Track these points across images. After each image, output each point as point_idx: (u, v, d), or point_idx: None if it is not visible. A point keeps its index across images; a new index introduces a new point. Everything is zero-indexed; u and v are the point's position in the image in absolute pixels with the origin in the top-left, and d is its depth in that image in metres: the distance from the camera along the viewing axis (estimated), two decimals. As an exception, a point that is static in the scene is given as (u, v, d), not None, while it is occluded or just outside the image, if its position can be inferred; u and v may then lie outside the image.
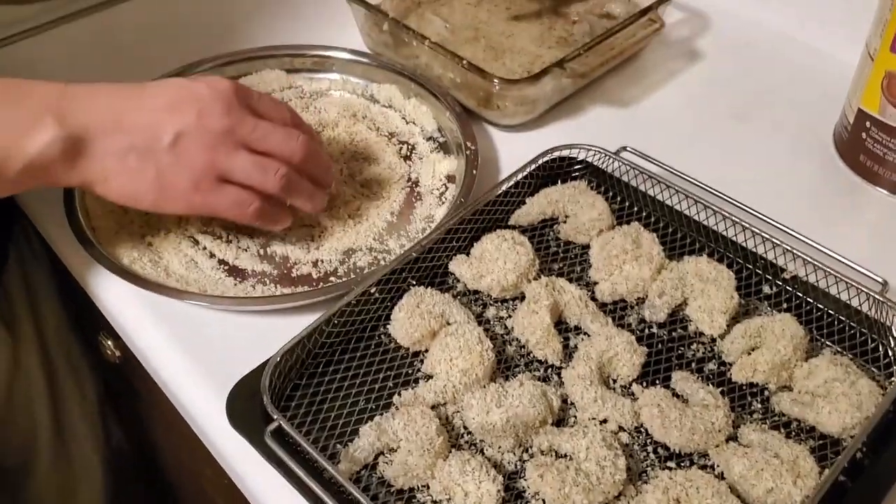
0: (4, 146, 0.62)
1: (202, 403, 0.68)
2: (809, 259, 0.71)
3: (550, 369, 0.68)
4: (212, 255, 0.77)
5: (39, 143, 0.63)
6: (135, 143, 0.66)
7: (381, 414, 0.63)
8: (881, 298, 0.68)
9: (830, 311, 0.70)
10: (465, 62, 0.86)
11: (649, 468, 0.62)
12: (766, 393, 0.66)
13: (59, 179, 0.66)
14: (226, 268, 0.76)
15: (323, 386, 0.66)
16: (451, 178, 0.85)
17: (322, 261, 0.77)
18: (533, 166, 0.80)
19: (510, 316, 0.71)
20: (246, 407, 0.62)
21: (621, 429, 0.64)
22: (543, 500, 0.59)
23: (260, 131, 0.69)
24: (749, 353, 0.67)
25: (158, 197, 0.68)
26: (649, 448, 0.63)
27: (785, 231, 0.73)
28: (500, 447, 0.62)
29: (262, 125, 0.69)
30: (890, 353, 0.68)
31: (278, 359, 0.63)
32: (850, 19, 0.93)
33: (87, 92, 0.66)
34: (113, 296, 0.75)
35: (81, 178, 0.66)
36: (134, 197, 0.68)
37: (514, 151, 0.87)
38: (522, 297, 0.71)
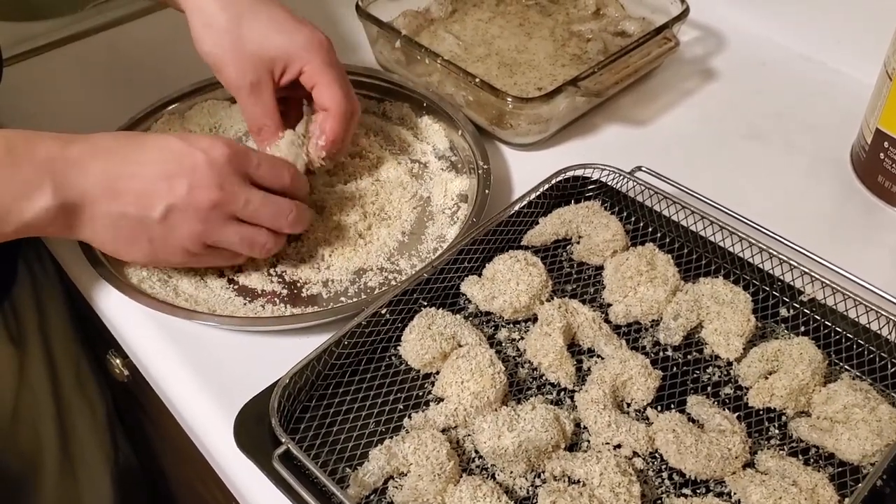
0: (1, 208, 0.63)
1: (210, 425, 0.67)
2: (827, 281, 0.70)
3: (563, 392, 0.67)
4: (221, 275, 0.76)
5: (36, 208, 0.63)
6: (127, 212, 0.66)
7: (391, 437, 0.62)
8: (901, 322, 0.67)
9: (849, 335, 0.69)
10: (477, 80, 0.86)
11: (664, 495, 0.61)
12: (784, 418, 0.65)
13: (54, 236, 0.67)
14: (235, 287, 0.75)
15: (332, 408, 0.65)
16: (463, 198, 0.84)
17: (332, 281, 0.76)
18: (546, 186, 0.79)
19: (522, 338, 0.70)
20: (254, 429, 0.62)
21: (636, 454, 0.62)
22: (556, 528, 0.57)
23: (251, 207, 0.69)
24: (766, 378, 0.66)
25: (151, 260, 0.71)
26: (664, 474, 0.62)
27: (802, 253, 0.72)
28: (511, 472, 0.61)
29: (254, 199, 0.69)
30: (910, 379, 0.67)
31: (287, 380, 0.62)
32: (867, 38, 0.92)
33: (85, 154, 0.66)
34: (122, 315, 0.75)
35: (76, 237, 0.68)
36: (128, 257, 0.71)
37: (527, 171, 0.87)
38: (535, 319, 0.70)
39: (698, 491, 0.61)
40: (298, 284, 0.76)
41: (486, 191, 0.80)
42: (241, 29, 0.76)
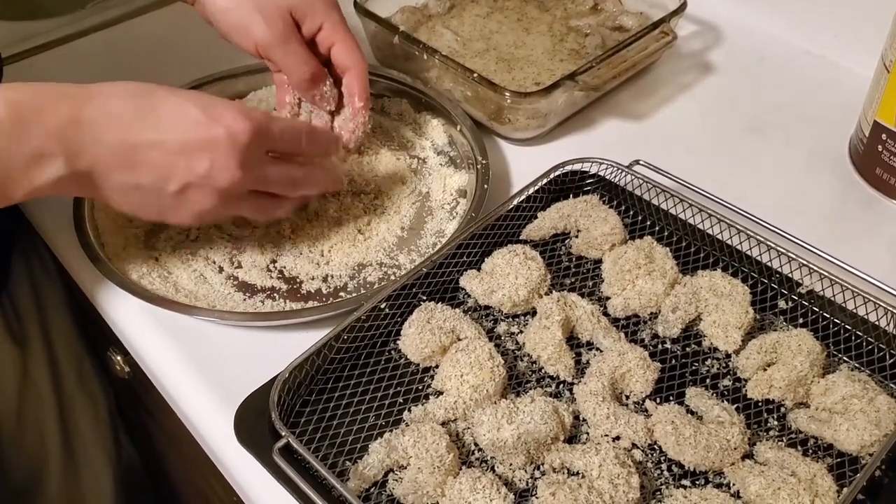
0: (10, 175, 0.61)
1: (210, 419, 0.67)
2: (825, 273, 0.70)
3: (562, 385, 0.67)
4: (221, 270, 0.76)
5: (47, 176, 0.62)
6: (141, 181, 0.65)
7: (391, 430, 0.62)
8: (899, 313, 0.67)
9: (847, 327, 0.69)
10: (475, 75, 0.86)
11: (663, 486, 0.61)
12: (783, 410, 0.65)
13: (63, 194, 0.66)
14: (235, 283, 0.75)
15: (332, 402, 0.65)
16: (462, 193, 0.84)
17: (332, 276, 0.76)
18: (545, 180, 0.79)
19: (521, 331, 0.71)
20: (254, 423, 0.62)
21: (634, 446, 0.63)
22: (555, 519, 0.58)
23: (268, 181, 0.69)
24: (765, 369, 0.66)
25: (157, 220, 0.70)
26: (663, 466, 0.62)
27: (800, 245, 0.72)
28: (511, 464, 0.61)
29: (271, 173, 0.69)
30: (909, 369, 0.67)
31: (287, 375, 0.62)
32: (865, 32, 0.92)
33: (99, 119, 0.63)
34: (122, 311, 0.75)
35: (85, 196, 0.68)
36: (134, 215, 0.71)
37: (525, 165, 0.87)
38: (534, 313, 0.70)
39: (697, 482, 0.61)
40: (298, 280, 0.76)
41: (485, 186, 0.80)
42: None
